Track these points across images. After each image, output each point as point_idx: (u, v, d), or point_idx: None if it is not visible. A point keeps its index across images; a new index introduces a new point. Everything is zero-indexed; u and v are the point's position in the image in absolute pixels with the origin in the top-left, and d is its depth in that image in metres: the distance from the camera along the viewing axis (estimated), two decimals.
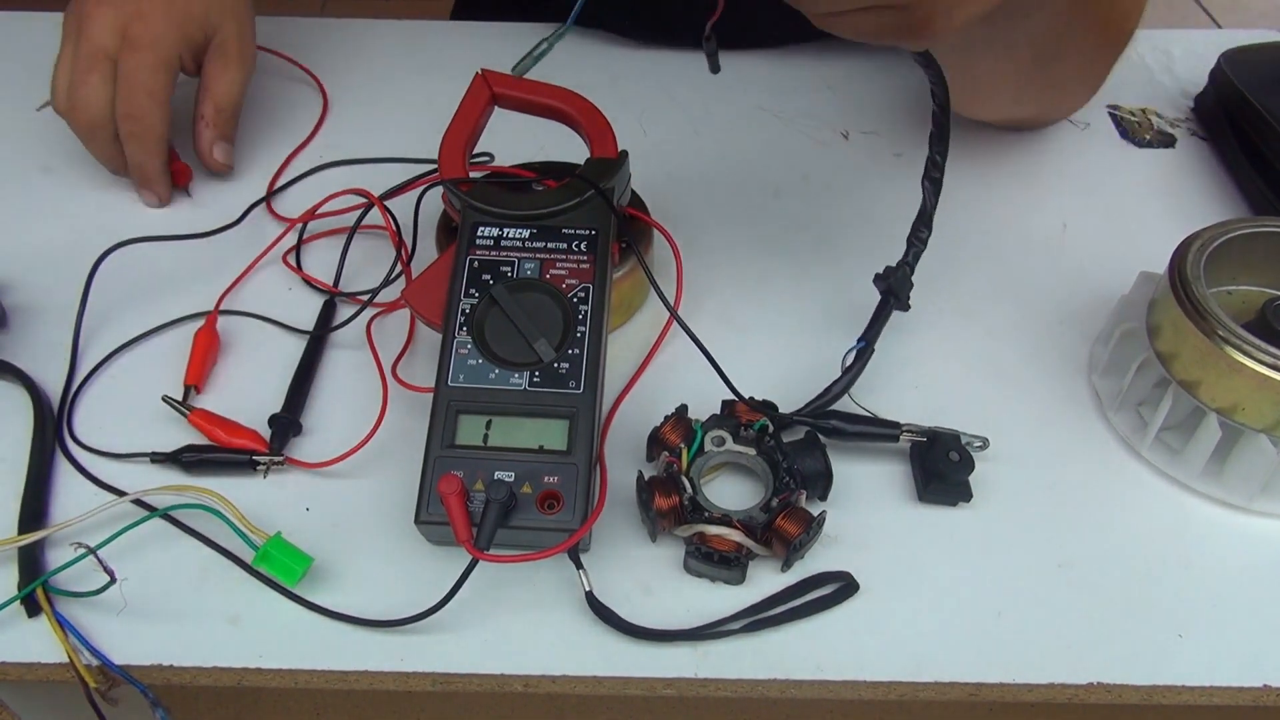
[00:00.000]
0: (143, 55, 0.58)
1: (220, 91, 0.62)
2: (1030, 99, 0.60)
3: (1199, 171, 0.66)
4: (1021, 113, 0.63)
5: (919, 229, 0.50)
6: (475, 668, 0.42)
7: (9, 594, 0.43)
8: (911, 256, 0.50)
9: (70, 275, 0.54)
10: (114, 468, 0.48)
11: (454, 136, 0.51)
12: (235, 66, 0.62)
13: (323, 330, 0.54)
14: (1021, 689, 0.42)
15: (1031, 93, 0.58)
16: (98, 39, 0.58)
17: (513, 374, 0.44)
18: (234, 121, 0.63)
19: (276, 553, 0.43)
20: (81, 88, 0.58)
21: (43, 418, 0.49)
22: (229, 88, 0.62)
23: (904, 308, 0.50)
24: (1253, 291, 0.51)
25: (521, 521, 0.42)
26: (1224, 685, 0.42)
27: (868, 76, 0.71)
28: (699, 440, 0.46)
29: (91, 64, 0.58)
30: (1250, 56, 0.66)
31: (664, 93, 0.70)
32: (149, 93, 0.58)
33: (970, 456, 0.47)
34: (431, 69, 0.72)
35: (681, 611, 0.43)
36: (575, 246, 0.48)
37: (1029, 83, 0.56)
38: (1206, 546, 0.46)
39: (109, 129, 0.59)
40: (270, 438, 0.49)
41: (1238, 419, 0.45)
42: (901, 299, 0.50)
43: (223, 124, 0.62)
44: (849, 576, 0.44)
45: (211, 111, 0.62)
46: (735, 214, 0.62)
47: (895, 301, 0.50)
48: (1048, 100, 0.62)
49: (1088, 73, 0.59)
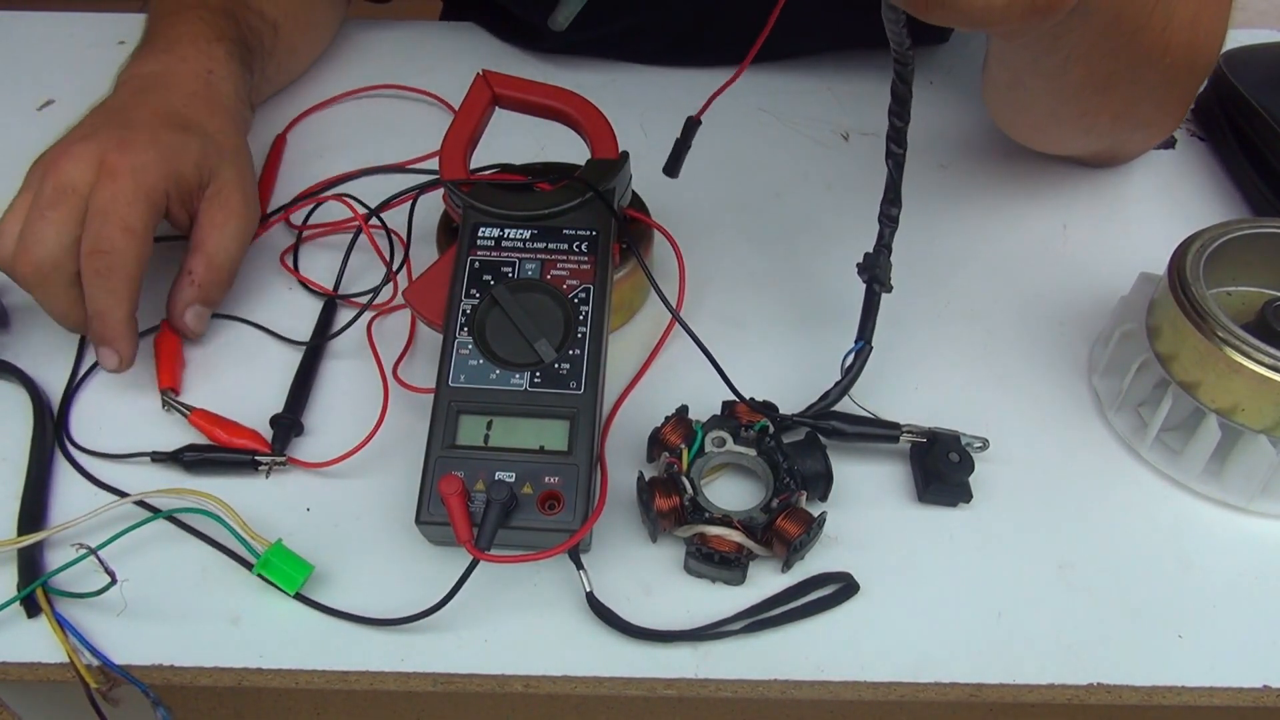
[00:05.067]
0: (121, 183, 0.48)
1: (216, 247, 0.52)
2: (1102, 130, 0.57)
3: (1199, 172, 0.66)
4: (1096, 145, 0.61)
5: (887, 208, 0.48)
6: (475, 668, 0.42)
7: (9, 595, 0.43)
8: (887, 236, 0.49)
9: None
10: (114, 469, 0.48)
11: (455, 137, 0.51)
12: (237, 219, 0.53)
13: (320, 340, 0.53)
14: (1021, 689, 0.42)
15: (1102, 124, 0.55)
16: (68, 175, 0.48)
17: (513, 374, 0.44)
18: (226, 286, 0.53)
19: (278, 560, 0.43)
20: (37, 222, 0.47)
21: (43, 418, 0.49)
22: (229, 243, 0.53)
23: (887, 289, 0.49)
24: (1252, 292, 0.51)
25: (522, 522, 0.42)
26: (1224, 686, 0.42)
27: (868, 78, 0.72)
28: (699, 441, 0.46)
29: (56, 199, 0.48)
30: (1250, 57, 0.66)
31: (664, 93, 0.70)
32: (124, 227, 0.48)
33: (970, 457, 0.47)
34: (430, 69, 0.72)
35: (682, 612, 0.43)
36: (576, 247, 0.48)
37: (1092, 112, 0.54)
38: (1206, 547, 0.46)
39: (66, 270, 0.48)
40: (272, 438, 0.49)
41: (1237, 420, 0.45)
42: (884, 282, 0.49)
43: (211, 287, 0.52)
44: (849, 577, 0.44)
45: (203, 269, 0.52)
46: (736, 215, 0.62)
47: (879, 286, 0.50)
48: (1121, 132, 0.58)
49: (1152, 101, 0.55)
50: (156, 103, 0.54)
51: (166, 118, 0.53)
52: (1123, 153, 0.64)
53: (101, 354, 0.49)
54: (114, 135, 0.50)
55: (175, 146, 0.51)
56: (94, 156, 0.49)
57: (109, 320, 0.48)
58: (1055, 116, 0.56)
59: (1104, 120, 0.55)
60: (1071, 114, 0.54)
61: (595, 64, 0.72)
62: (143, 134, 0.51)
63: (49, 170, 0.49)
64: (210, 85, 0.57)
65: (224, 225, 0.53)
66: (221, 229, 0.53)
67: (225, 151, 0.54)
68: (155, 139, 0.51)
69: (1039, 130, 0.59)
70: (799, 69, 0.72)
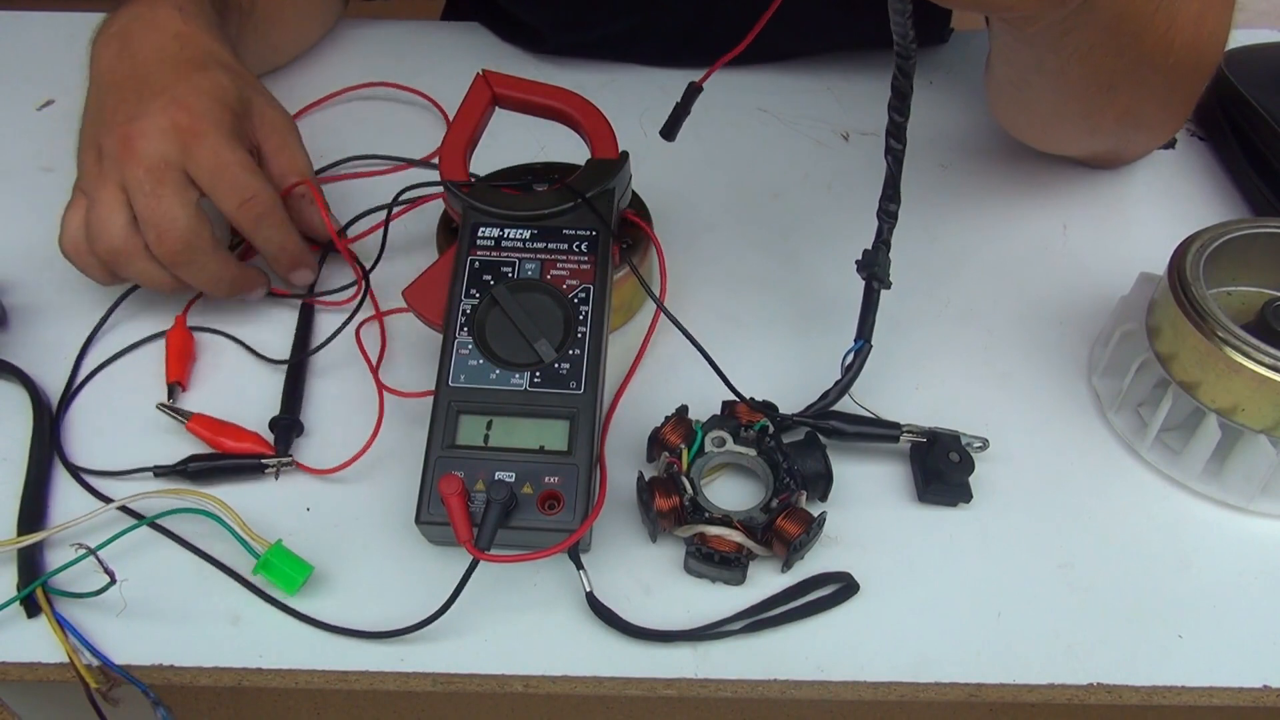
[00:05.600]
0: (209, 137, 0.49)
1: (296, 162, 0.55)
2: (1106, 131, 0.57)
3: (1199, 172, 0.66)
4: (1100, 145, 0.61)
5: (886, 204, 0.48)
6: (475, 668, 0.42)
7: (9, 595, 0.43)
8: (886, 233, 0.49)
9: (70, 275, 0.54)
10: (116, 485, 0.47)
11: (454, 137, 0.51)
12: (293, 132, 0.55)
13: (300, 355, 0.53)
14: (1021, 689, 0.42)
15: (1106, 124, 0.55)
16: (154, 153, 0.48)
17: (513, 374, 0.44)
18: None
19: (277, 561, 0.43)
20: (157, 205, 0.48)
21: (42, 418, 0.49)
22: (302, 155, 0.55)
23: (886, 286, 0.49)
24: (1252, 292, 0.51)
25: (522, 522, 0.42)
26: (1224, 686, 0.42)
27: (867, 78, 0.72)
28: (699, 441, 0.46)
29: (158, 178, 0.48)
30: (1250, 57, 0.66)
31: (664, 93, 0.70)
32: (244, 168, 0.50)
33: (970, 457, 0.47)
34: (429, 69, 0.72)
35: (681, 612, 0.43)
36: (576, 247, 0.48)
37: (1096, 112, 0.54)
38: (1206, 547, 0.46)
39: (206, 235, 0.50)
40: (274, 440, 0.49)
41: (1237, 420, 0.45)
42: (883, 279, 0.49)
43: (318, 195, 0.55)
44: (849, 577, 0.44)
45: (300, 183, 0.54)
46: (736, 215, 0.62)
47: (878, 283, 0.49)
48: (1125, 132, 0.58)
49: (1156, 102, 0.55)
50: (153, 54, 0.53)
51: (179, 64, 0.52)
52: (1126, 154, 0.64)
53: (295, 277, 0.54)
54: (160, 102, 0.50)
55: (211, 85, 0.52)
56: (164, 128, 0.49)
57: (290, 248, 0.53)
58: (1059, 116, 0.56)
59: (1108, 121, 0.55)
60: (1075, 114, 0.54)
61: (595, 64, 0.72)
62: (181, 87, 0.51)
63: (125, 160, 0.49)
64: (186, 19, 0.55)
65: (288, 143, 0.55)
66: (290, 147, 0.55)
67: (242, 74, 0.55)
68: (195, 87, 0.51)
69: (1042, 130, 0.59)
70: (799, 69, 0.72)
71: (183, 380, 0.51)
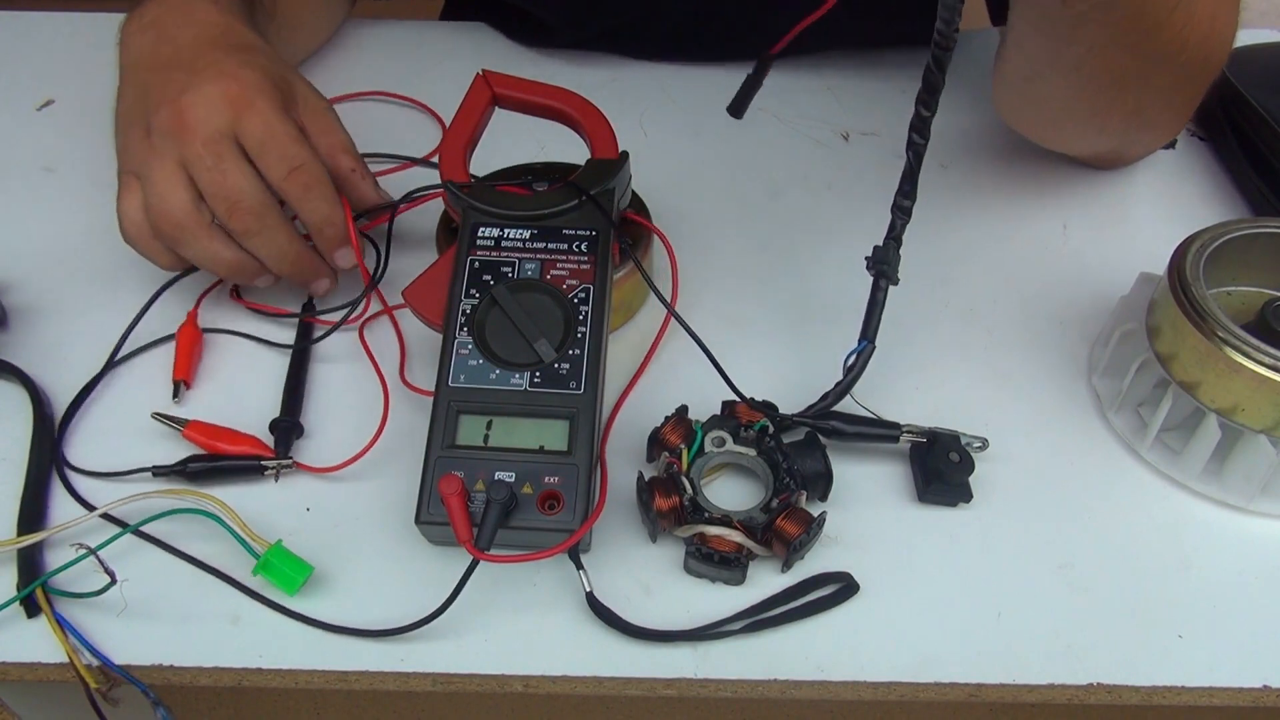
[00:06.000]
0: (259, 107, 0.50)
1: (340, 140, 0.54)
2: (1113, 130, 0.57)
3: (1199, 172, 0.66)
4: (1105, 144, 0.61)
5: (901, 199, 0.47)
6: (475, 668, 0.42)
7: (9, 595, 0.43)
8: (899, 228, 0.48)
9: (70, 275, 0.54)
10: (116, 488, 0.47)
11: (454, 137, 0.51)
12: (331, 112, 0.55)
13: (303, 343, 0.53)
14: (1021, 689, 0.42)
15: (1113, 123, 0.56)
16: (209, 126, 0.49)
17: (513, 374, 0.44)
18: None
19: (277, 561, 0.43)
20: (221, 178, 0.48)
21: (42, 418, 0.49)
22: (343, 132, 0.55)
23: (894, 282, 0.49)
24: (1252, 292, 0.51)
25: (522, 522, 0.42)
26: (1224, 686, 0.42)
27: (868, 78, 0.71)
28: (699, 441, 0.46)
29: (217, 151, 0.49)
30: (1250, 57, 0.66)
31: (664, 93, 0.70)
32: (293, 139, 0.50)
33: (970, 457, 0.47)
34: (429, 69, 0.72)
35: (681, 612, 0.43)
36: (576, 247, 0.48)
37: (1104, 111, 0.54)
38: (1206, 547, 0.46)
39: (274, 204, 0.50)
40: (275, 442, 0.49)
41: (1237, 420, 0.45)
42: (892, 276, 0.48)
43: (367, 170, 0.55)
44: (849, 577, 0.44)
45: (351, 160, 0.54)
46: (736, 214, 0.62)
47: (886, 280, 0.48)
48: (1130, 131, 0.59)
49: (1163, 102, 0.55)
50: (193, 39, 0.53)
51: (222, 46, 0.53)
52: (1128, 154, 0.64)
53: (338, 257, 0.53)
54: (210, 73, 0.50)
55: (254, 63, 0.52)
56: (215, 97, 0.49)
57: (336, 222, 0.51)
58: (1068, 113, 0.56)
59: (1115, 119, 0.55)
60: (1084, 111, 0.55)
61: (596, 63, 0.72)
62: (228, 62, 0.51)
63: (180, 133, 0.49)
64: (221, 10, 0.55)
65: (332, 124, 0.54)
66: (335, 128, 0.54)
67: (281, 60, 0.55)
68: (243, 63, 0.51)
69: (1049, 126, 0.59)
70: (799, 69, 0.72)
71: (188, 379, 0.51)
